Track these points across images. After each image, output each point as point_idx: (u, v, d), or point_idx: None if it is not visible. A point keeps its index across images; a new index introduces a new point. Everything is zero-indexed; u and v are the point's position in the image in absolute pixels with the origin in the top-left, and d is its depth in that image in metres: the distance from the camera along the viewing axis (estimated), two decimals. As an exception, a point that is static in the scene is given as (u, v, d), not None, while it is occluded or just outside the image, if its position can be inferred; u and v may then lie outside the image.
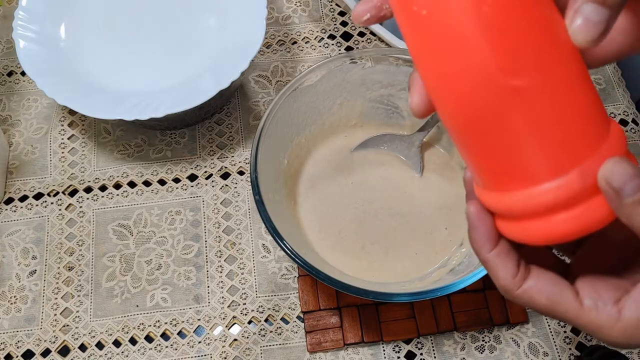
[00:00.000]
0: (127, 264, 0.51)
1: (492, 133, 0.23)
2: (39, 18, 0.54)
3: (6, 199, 0.54)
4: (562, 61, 0.22)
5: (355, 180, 0.51)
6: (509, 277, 0.27)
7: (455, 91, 0.23)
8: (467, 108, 0.23)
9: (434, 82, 0.24)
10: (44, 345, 0.48)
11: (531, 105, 0.22)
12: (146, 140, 0.57)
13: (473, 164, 0.26)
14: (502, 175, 0.25)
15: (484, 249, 0.27)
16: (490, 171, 0.25)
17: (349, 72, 0.49)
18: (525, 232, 0.25)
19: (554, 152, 0.23)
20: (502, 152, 0.24)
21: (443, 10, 0.22)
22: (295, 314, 0.49)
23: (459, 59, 0.22)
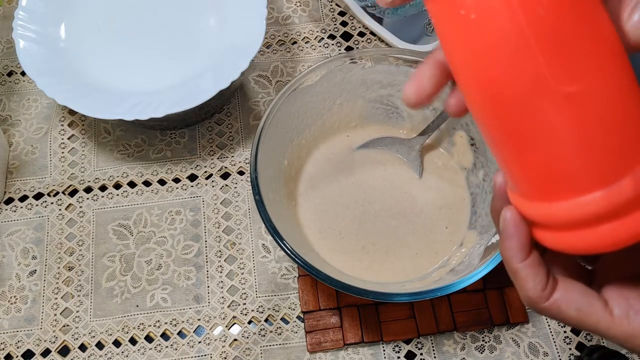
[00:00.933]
0: (127, 264, 0.51)
1: (543, 142, 0.23)
2: (39, 18, 0.54)
3: (6, 199, 0.54)
4: (614, 64, 0.22)
5: (356, 180, 0.51)
6: (538, 288, 0.26)
7: (504, 99, 0.23)
8: (516, 117, 0.23)
9: (480, 89, 0.23)
10: (44, 345, 0.48)
11: (584, 111, 0.22)
12: (146, 140, 0.57)
13: (514, 173, 0.25)
14: (548, 184, 0.24)
15: (515, 259, 0.27)
16: (535, 180, 0.24)
17: (349, 72, 0.49)
18: (572, 242, 0.24)
19: (606, 159, 0.22)
20: (551, 161, 0.23)
21: (494, 15, 0.21)
22: (295, 314, 0.49)
23: (510, 67, 0.22)
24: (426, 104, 0.26)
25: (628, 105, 0.22)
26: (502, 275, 0.50)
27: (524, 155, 0.24)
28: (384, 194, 0.50)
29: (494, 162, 0.47)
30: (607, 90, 0.22)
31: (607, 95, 0.22)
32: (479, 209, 0.48)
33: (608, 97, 0.22)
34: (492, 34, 0.21)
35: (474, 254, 0.44)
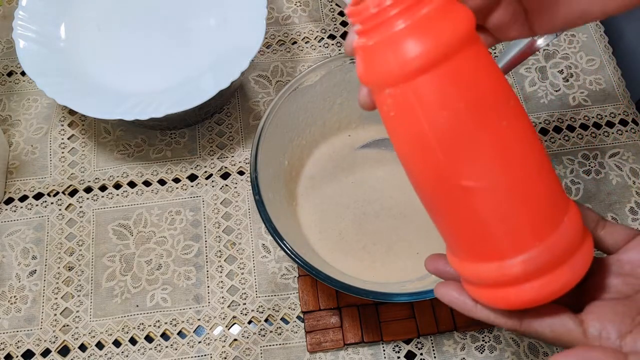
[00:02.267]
0: (127, 264, 0.51)
1: (457, 219, 0.27)
2: (39, 18, 0.54)
3: (6, 199, 0.54)
4: (514, 165, 0.26)
5: (356, 180, 0.51)
6: (507, 317, 0.29)
7: (422, 180, 0.27)
8: (433, 198, 0.27)
9: (407, 170, 0.28)
10: (44, 345, 0.48)
11: (485, 200, 0.26)
12: (146, 140, 0.57)
13: (446, 237, 0.29)
14: (472, 249, 0.27)
15: (473, 310, 0.30)
16: (462, 245, 0.28)
17: (349, 72, 0.49)
18: (495, 298, 0.28)
19: (517, 233, 0.26)
20: (470, 232, 0.27)
21: (405, 118, 0.25)
22: (295, 314, 0.49)
23: (420, 159, 0.26)
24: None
25: (531, 191, 0.26)
26: (502, 275, 0.50)
27: (447, 224, 0.28)
28: (384, 194, 0.50)
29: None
30: (508, 184, 0.25)
31: (507, 187, 0.25)
32: (479, 209, 0.48)
33: (509, 188, 0.26)
34: (406, 131, 0.26)
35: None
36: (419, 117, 0.25)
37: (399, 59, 0.24)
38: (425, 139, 0.25)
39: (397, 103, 0.25)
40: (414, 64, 0.24)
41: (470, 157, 0.25)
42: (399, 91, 0.25)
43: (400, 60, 0.24)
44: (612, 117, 0.58)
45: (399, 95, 0.25)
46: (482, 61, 0.25)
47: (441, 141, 0.25)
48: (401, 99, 0.25)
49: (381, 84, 0.25)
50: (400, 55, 0.24)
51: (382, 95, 0.26)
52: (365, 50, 0.25)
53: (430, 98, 0.24)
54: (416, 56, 0.24)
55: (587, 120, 0.58)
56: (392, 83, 0.25)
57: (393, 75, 0.25)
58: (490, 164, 0.25)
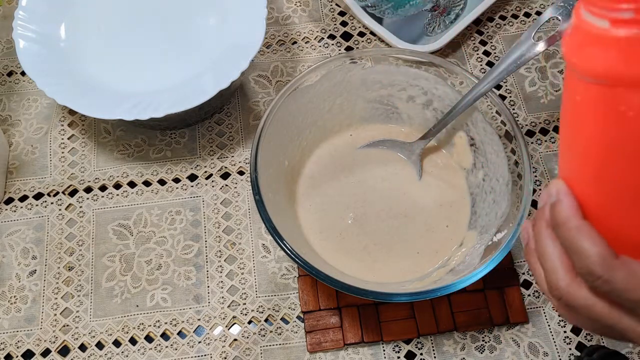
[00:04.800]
0: (127, 264, 0.51)
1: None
2: (39, 18, 0.54)
3: (6, 199, 0.54)
4: None
5: (356, 180, 0.51)
6: (605, 244, 0.26)
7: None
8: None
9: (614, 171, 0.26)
10: (44, 345, 0.48)
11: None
12: (146, 140, 0.57)
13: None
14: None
15: (577, 216, 0.27)
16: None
17: (349, 72, 0.49)
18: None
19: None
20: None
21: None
22: (295, 314, 0.49)
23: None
24: None
25: None
26: (502, 276, 0.50)
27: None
28: (384, 195, 0.50)
29: (493, 163, 0.47)
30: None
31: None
32: (478, 209, 0.48)
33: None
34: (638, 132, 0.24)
35: (474, 254, 0.44)
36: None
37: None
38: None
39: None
40: None
41: None
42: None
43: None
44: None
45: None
46: None
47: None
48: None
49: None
50: None
51: (629, 91, 0.24)
52: (636, 42, 0.23)
53: None
54: None
55: (587, 120, 0.58)
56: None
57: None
58: None
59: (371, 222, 0.49)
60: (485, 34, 0.63)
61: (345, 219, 0.49)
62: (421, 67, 0.48)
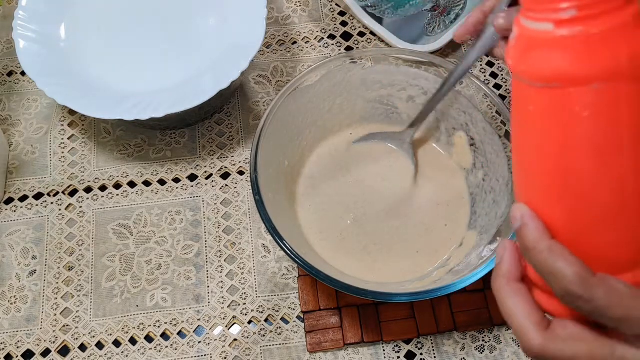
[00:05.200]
0: (127, 264, 0.51)
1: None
2: (39, 18, 0.54)
3: (6, 199, 0.54)
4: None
5: (356, 180, 0.51)
6: (581, 264, 0.25)
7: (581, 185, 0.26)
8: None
9: (558, 176, 0.26)
10: (44, 345, 0.48)
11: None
12: (146, 140, 0.57)
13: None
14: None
15: (545, 236, 0.26)
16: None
17: (349, 72, 0.49)
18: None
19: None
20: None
21: (602, 114, 0.24)
22: (295, 314, 0.49)
23: (600, 161, 0.25)
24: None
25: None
26: (502, 275, 0.50)
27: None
28: (384, 195, 0.50)
29: (493, 163, 0.47)
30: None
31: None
32: (478, 209, 0.48)
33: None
34: (598, 131, 0.24)
35: (473, 254, 0.44)
36: (622, 120, 0.23)
37: (630, 52, 0.23)
38: (620, 143, 0.24)
39: (602, 100, 0.23)
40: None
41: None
42: (611, 87, 0.23)
43: (634, 55, 0.23)
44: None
45: (611, 91, 0.23)
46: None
47: (633, 140, 0.24)
48: (609, 96, 0.23)
49: (596, 77, 0.23)
50: (635, 51, 0.23)
51: (581, 90, 0.24)
52: (582, 40, 0.23)
53: (634, 105, 0.23)
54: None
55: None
56: (609, 78, 0.23)
57: (616, 70, 0.23)
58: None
59: (371, 222, 0.49)
60: (485, 34, 0.63)
61: (345, 219, 0.49)
62: (421, 67, 0.48)
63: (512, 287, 0.28)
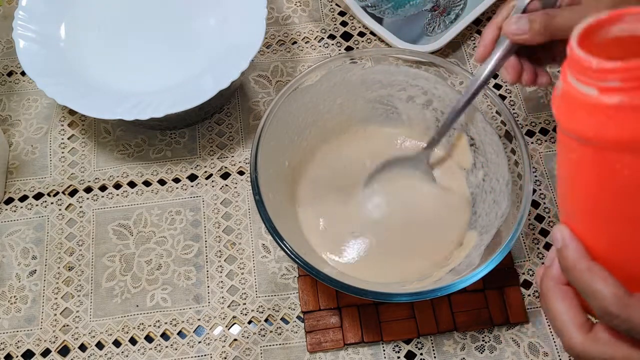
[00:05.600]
0: (127, 264, 0.51)
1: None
2: (39, 18, 0.54)
3: (6, 199, 0.54)
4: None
5: (356, 181, 0.51)
6: (618, 284, 0.27)
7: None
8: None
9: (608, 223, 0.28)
10: (44, 345, 0.48)
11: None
12: (146, 140, 0.57)
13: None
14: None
15: (584, 258, 0.28)
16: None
17: (349, 72, 0.49)
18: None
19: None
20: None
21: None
22: (295, 314, 0.49)
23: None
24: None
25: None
26: (502, 276, 0.50)
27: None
28: (384, 195, 0.50)
29: (493, 163, 0.47)
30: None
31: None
32: (478, 209, 0.48)
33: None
34: (633, 184, 0.26)
35: (474, 254, 0.44)
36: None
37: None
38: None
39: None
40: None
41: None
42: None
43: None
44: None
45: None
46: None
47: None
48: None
49: (638, 142, 0.25)
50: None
51: (621, 152, 0.26)
52: (624, 109, 0.25)
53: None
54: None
55: (587, 120, 0.58)
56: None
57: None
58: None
59: (371, 222, 0.49)
60: (485, 34, 0.63)
61: (345, 219, 0.49)
62: (421, 67, 0.48)
63: (560, 290, 0.30)
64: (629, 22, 0.26)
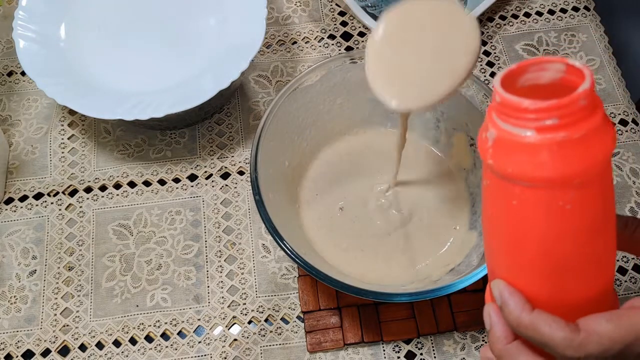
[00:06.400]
0: (127, 264, 0.51)
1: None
2: (39, 18, 0.54)
3: (6, 199, 0.54)
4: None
5: (356, 181, 0.51)
6: (563, 325, 0.27)
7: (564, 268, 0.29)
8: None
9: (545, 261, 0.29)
10: (44, 345, 0.48)
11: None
12: (146, 140, 0.57)
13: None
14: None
15: (525, 311, 0.28)
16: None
17: (349, 72, 0.49)
18: None
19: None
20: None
21: (585, 207, 0.27)
22: (295, 314, 0.49)
23: (590, 244, 0.28)
24: None
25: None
26: (502, 275, 0.50)
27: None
28: (384, 196, 0.50)
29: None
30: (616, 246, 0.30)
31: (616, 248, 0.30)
32: (478, 209, 0.48)
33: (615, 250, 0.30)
34: (579, 220, 0.27)
35: (473, 254, 0.44)
36: (598, 206, 0.27)
37: (605, 151, 0.26)
38: (597, 225, 0.27)
39: (583, 195, 0.26)
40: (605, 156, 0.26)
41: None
42: (590, 181, 0.26)
43: (605, 151, 0.26)
44: (612, 117, 0.58)
45: (591, 186, 0.26)
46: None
47: (606, 225, 0.28)
48: (588, 190, 0.27)
49: (579, 176, 0.26)
50: (606, 148, 0.26)
51: (565, 188, 0.26)
52: (565, 145, 0.25)
53: (606, 190, 0.27)
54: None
55: (587, 120, 0.58)
56: (589, 175, 0.26)
57: (595, 168, 0.26)
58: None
59: (372, 222, 0.49)
60: (485, 34, 0.63)
61: (346, 220, 0.49)
62: (421, 67, 0.48)
63: (512, 348, 0.30)
64: (532, 72, 0.27)
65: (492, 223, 0.30)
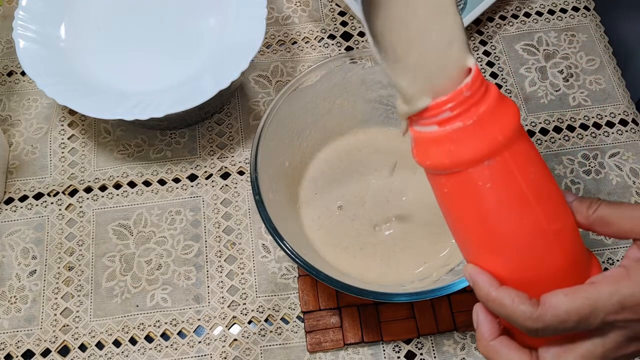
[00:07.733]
0: (127, 264, 0.51)
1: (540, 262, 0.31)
2: (39, 18, 0.54)
3: (6, 199, 0.54)
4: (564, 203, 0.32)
5: (357, 182, 0.51)
6: (525, 299, 0.30)
7: (509, 245, 0.31)
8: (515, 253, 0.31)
9: (490, 242, 0.31)
10: (44, 345, 0.48)
11: (565, 239, 0.31)
12: (146, 140, 0.57)
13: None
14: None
15: (493, 287, 0.31)
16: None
17: (349, 72, 0.49)
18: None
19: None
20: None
21: (503, 182, 0.30)
22: (295, 314, 0.49)
23: (517, 217, 0.30)
24: None
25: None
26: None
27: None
28: (384, 196, 0.50)
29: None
30: (570, 222, 0.31)
31: (572, 225, 0.31)
32: (479, 209, 0.48)
33: (572, 227, 0.32)
34: (504, 196, 0.30)
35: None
36: (518, 180, 0.30)
37: (503, 129, 0.29)
38: (524, 198, 0.30)
39: (496, 171, 0.29)
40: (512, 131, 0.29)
41: (552, 205, 0.31)
42: (499, 159, 0.29)
43: (505, 130, 0.29)
44: (612, 117, 0.58)
45: (500, 161, 0.29)
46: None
47: (535, 194, 0.30)
48: (501, 167, 0.29)
49: (484, 156, 0.29)
50: (505, 126, 0.29)
51: (478, 168, 0.29)
52: (463, 131, 0.29)
53: (522, 165, 0.30)
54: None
55: (587, 120, 0.58)
56: (494, 153, 0.29)
57: (497, 146, 0.29)
58: (563, 210, 0.31)
59: (372, 222, 0.49)
60: (485, 34, 0.63)
61: (346, 219, 0.49)
62: (421, 67, 0.48)
63: (496, 344, 0.32)
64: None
65: (444, 214, 0.33)
